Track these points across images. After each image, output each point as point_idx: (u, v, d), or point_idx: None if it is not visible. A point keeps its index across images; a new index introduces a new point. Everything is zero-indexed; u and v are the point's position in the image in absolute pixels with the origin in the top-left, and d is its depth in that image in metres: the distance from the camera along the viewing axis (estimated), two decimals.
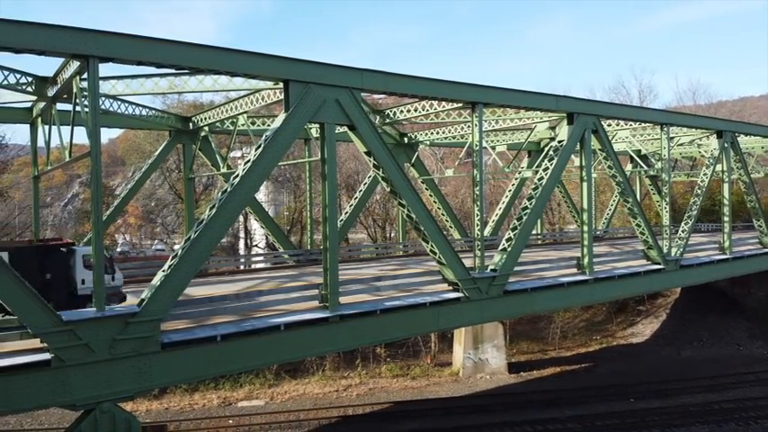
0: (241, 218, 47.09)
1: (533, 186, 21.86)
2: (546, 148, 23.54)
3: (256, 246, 51.36)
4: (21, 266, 12.43)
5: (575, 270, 23.29)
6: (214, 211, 14.33)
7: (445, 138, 32.47)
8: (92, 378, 12.37)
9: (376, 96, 30.87)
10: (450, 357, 33.02)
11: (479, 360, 30.99)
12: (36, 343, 12.15)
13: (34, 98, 19.15)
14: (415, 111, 24.04)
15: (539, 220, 39.14)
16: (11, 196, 45.42)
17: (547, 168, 21.63)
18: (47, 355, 11.94)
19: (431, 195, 34.86)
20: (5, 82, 16.06)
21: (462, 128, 30.12)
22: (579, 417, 23.74)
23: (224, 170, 26.14)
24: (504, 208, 35.50)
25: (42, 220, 38.56)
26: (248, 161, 14.98)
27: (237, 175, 14.76)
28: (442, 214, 35.32)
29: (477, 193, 19.73)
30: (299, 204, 49.10)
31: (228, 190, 14.59)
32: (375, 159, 17.17)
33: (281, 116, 15.52)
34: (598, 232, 41.10)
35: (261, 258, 34.12)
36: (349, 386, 29.22)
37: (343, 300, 16.61)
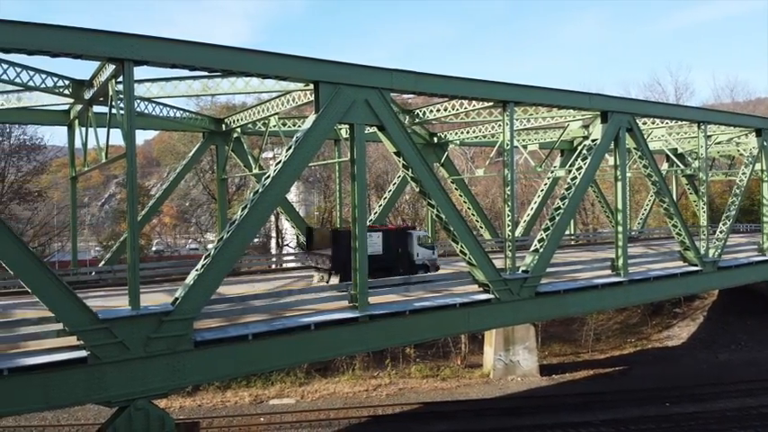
0: (273, 217, 47.56)
1: (566, 186, 21.52)
2: (579, 147, 23.16)
3: (287, 245, 51.82)
4: (387, 243, 20.71)
5: (609, 271, 22.85)
6: (246, 211, 14.49)
7: (475, 137, 32.21)
8: (127, 375, 12.63)
9: (405, 96, 30.85)
10: (481, 359, 32.72)
11: (510, 362, 30.64)
12: (73, 341, 12.42)
13: (71, 101, 19.73)
14: (445, 110, 23.91)
15: (572, 221, 38.54)
16: (50, 196, 46.80)
17: (580, 168, 21.26)
18: (83, 353, 12.23)
19: (461, 195, 34.65)
20: (43, 85, 16.58)
21: (493, 127, 29.85)
22: (613, 421, 23.25)
23: (256, 171, 26.47)
24: (536, 208, 35.05)
25: (80, 219, 39.79)
26: (279, 162, 15.11)
27: (269, 176, 14.90)
28: (473, 214, 35.05)
29: (509, 192, 19.51)
30: (329, 204, 49.37)
31: (260, 190, 14.74)
32: (404, 159, 17.13)
33: (311, 117, 15.62)
34: (633, 233, 40.26)
35: (292, 258, 34.43)
36: (379, 386, 29.23)
37: (372, 300, 16.61)
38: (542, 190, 35.15)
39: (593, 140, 21.80)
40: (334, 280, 19.72)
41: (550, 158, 35.69)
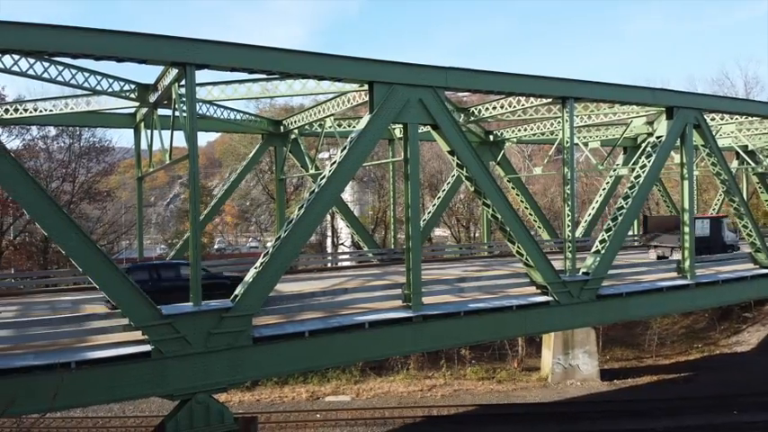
0: (328, 217, 48.18)
1: (629, 185, 20.74)
2: (643, 145, 22.30)
3: (342, 244, 52.40)
4: (710, 228, 27.93)
5: (674, 274, 21.88)
6: (303, 210, 14.72)
7: (533, 134, 31.53)
8: (188, 370, 13.04)
9: (460, 94, 30.57)
10: (539, 362, 32.05)
11: (569, 366, 29.87)
12: (138, 335, 12.92)
13: (137, 104, 20.60)
14: (501, 108, 23.52)
15: (635, 221, 37.15)
16: (118, 196, 49.01)
17: (644, 166, 20.46)
18: (147, 347, 12.71)
19: (518, 194, 34.03)
20: (111, 89, 17.40)
21: (552, 124, 29.14)
22: (677, 429, 22.35)
23: (312, 171, 26.89)
24: (598, 208, 34.02)
25: (146, 218, 41.59)
26: (334, 162, 15.26)
27: (324, 176, 15.08)
28: (530, 214, 34.37)
29: (568, 191, 18.99)
30: (383, 204, 49.56)
31: (316, 190, 14.93)
32: (458, 158, 16.96)
33: (366, 117, 15.69)
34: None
35: (346, 257, 34.78)
36: (433, 386, 29.10)
37: (426, 300, 16.52)
38: (604, 189, 34.04)
39: (657, 137, 20.93)
40: (676, 255, 24.53)
41: (612, 156, 34.50)
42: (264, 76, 16.60)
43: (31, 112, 22.49)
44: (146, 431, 22.05)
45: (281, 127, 27.73)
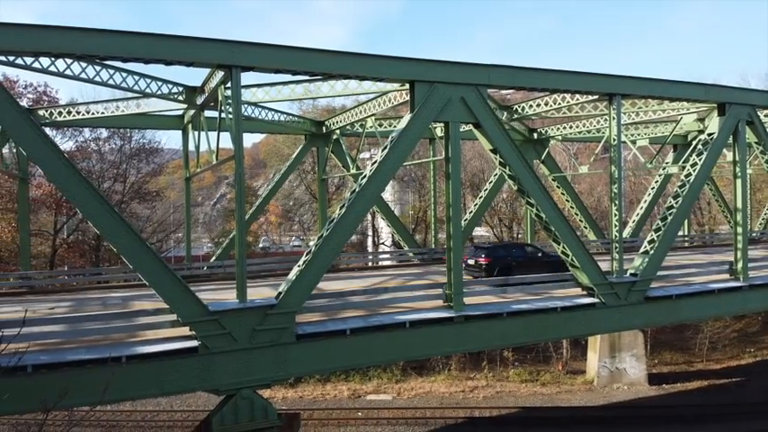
0: (369, 216, 48.39)
1: (680, 183, 20.07)
2: (694, 142, 21.53)
3: (383, 243, 52.51)
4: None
5: (726, 276, 21.06)
6: (344, 210, 14.82)
7: (579, 132, 30.84)
8: (233, 365, 13.30)
9: (503, 92, 30.16)
10: (584, 365, 31.38)
11: (616, 369, 29.12)
12: (185, 331, 13.25)
13: (185, 106, 21.16)
14: (546, 105, 23.11)
15: (685, 221, 35.93)
16: (166, 196, 50.47)
17: (695, 164, 19.76)
18: (195, 343, 13.01)
19: (563, 194, 33.37)
20: (160, 92, 17.89)
21: (598, 121, 28.47)
22: None
23: (353, 171, 27.06)
24: (647, 207, 33.02)
25: (194, 217, 42.65)
26: (375, 162, 15.31)
27: (365, 176, 15.14)
28: (576, 214, 33.67)
29: (616, 191, 18.51)
30: (424, 203, 49.43)
31: (357, 190, 15.01)
32: (501, 157, 16.75)
33: (407, 117, 15.67)
34: (754, 234, 36.83)
35: (387, 256, 34.83)
36: (475, 387, 28.86)
37: (467, 300, 16.39)
38: (653, 188, 33.04)
39: (709, 135, 20.18)
40: None
41: (662, 154, 33.46)
42: (307, 77, 16.79)
43: (83, 115, 23.36)
44: (192, 425, 22.62)
45: (324, 128, 28.01)
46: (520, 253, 22.63)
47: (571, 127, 30.65)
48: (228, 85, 14.43)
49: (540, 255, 22.63)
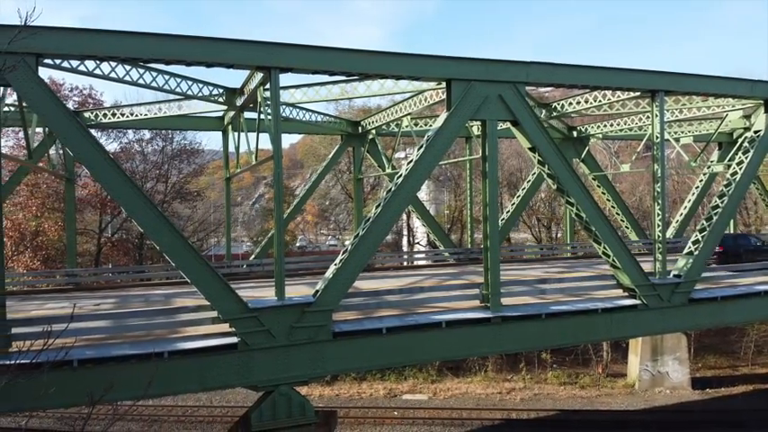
0: (404, 216, 48.37)
1: (725, 182, 19.42)
2: (740, 140, 20.80)
3: (418, 243, 52.40)
4: None
5: None
6: (379, 209, 14.84)
7: (620, 130, 30.15)
8: (272, 362, 13.49)
9: (542, 90, 29.69)
10: (625, 368, 30.69)
11: (658, 373, 28.38)
12: (225, 328, 13.47)
13: (225, 108, 21.56)
14: (586, 102, 22.68)
15: (731, 221, 34.69)
16: (207, 196, 51.52)
17: (741, 162, 19.08)
18: (234, 339, 13.23)
19: (603, 193, 32.69)
20: (200, 94, 18.28)
21: (640, 119, 27.78)
22: None
23: (389, 170, 27.10)
24: (690, 207, 32.10)
25: (234, 217, 43.41)
26: (410, 161, 15.29)
27: (401, 175, 15.13)
28: (617, 213, 32.95)
29: (658, 190, 18.03)
30: (460, 203, 49.12)
31: (392, 189, 15.02)
32: (540, 155, 16.50)
33: (443, 115, 15.60)
34: None
35: (422, 256, 34.75)
36: (512, 389, 28.54)
37: (504, 301, 16.21)
38: (697, 187, 32.04)
39: (755, 132, 19.45)
40: None
41: (706, 152, 32.34)
42: (344, 77, 16.92)
43: (127, 117, 24.04)
44: (231, 421, 23.04)
45: (359, 128, 28.15)
46: (746, 242, 26.04)
47: (612, 125, 30.01)
48: (267, 86, 14.64)
49: (760, 244, 25.96)
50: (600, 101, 21.79)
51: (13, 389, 6.33)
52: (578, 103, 23.23)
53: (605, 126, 30.37)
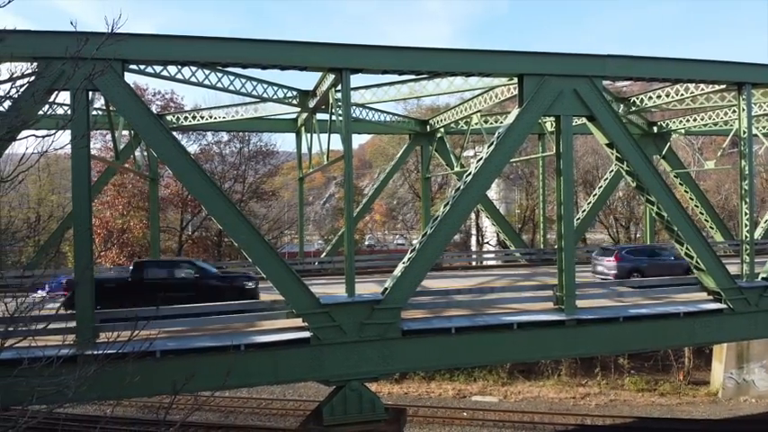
0: (473, 215, 47.80)
1: None
2: None
3: (487, 243, 51.66)
4: None
5: None
6: (448, 208, 14.79)
7: (704, 125, 28.53)
8: (342, 357, 13.74)
9: (619, 84, 28.62)
10: (707, 375, 29.04)
11: (744, 381, 26.69)
12: (298, 322, 13.85)
13: (298, 110, 22.09)
14: (667, 96, 21.60)
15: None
16: (281, 195, 52.97)
17: None
18: (307, 334, 13.59)
19: (686, 191, 31.04)
20: (276, 96, 18.85)
21: (726, 113, 26.17)
22: None
23: (457, 169, 26.89)
24: None
25: (306, 216, 44.43)
26: (480, 159, 15.12)
27: (470, 173, 15.01)
28: (701, 213, 31.19)
29: (746, 188, 16.96)
30: (532, 202, 48.00)
31: (461, 188, 14.92)
32: (618, 152, 15.90)
33: (515, 112, 15.34)
34: None
35: (492, 256, 34.24)
36: (587, 394, 27.62)
37: (580, 303, 15.73)
38: None
39: None
40: None
41: None
42: (413, 76, 16.95)
43: (206, 120, 25.15)
44: (303, 414, 23.60)
45: (428, 126, 28.11)
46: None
47: (695, 119, 28.41)
48: (339, 87, 14.90)
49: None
50: (682, 94, 20.71)
51: (99, 378, 6.74)
52: (659, 97, 22.16)
53: (688, 121, 28.80)
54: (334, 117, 16.39)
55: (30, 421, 5.79)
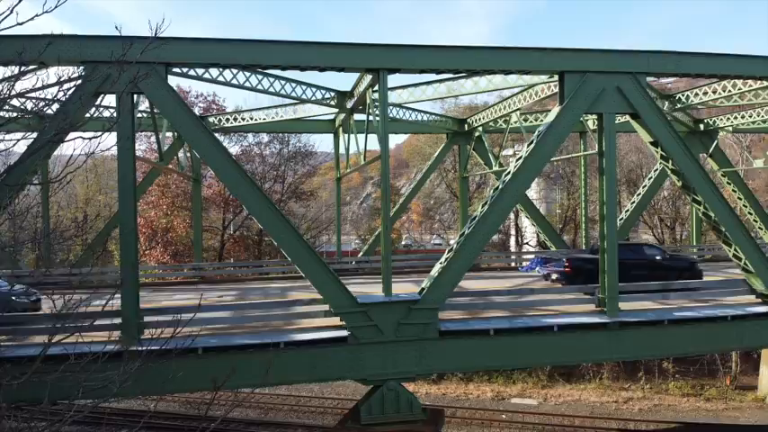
0: (512, 215, 47.24)
1: None
2: None
3: (527, 244, 50.96)
4: None
5: None
6: (486, 208, 14.63)
7: (752, 122, 27.44)
8: (380, 357, 13.75)
9: (663, 81, 27.83)
10: (755, 380, 27.99)
11: None
12: (336, 321, 13.90)
13: (336, 110, 22.28)
14: (714, 93, 20.89)
15: None
16: (319, 195, 53.51)
17: None
18: (344, 333, 13.65)
19: (734, 191, 29.93)
20: (314, 97, 19.05)
21: None
22: None
23: (496, 168, 26.61)
24: None
25: (343, 216, 44.66)
26: (520, 158, 14.92)
27: (509, 172, 14.82)
28: (749, 213, 29.97)
29: None
30: (573, 202, 47.13)
31: (500, 187, 14.75)
32: (663, 150, 15.45)
33: (555, 110, 15.07)
34: None
35: (532, 256, 33.72)
36: (630, 399, 26.96)
37: (623, 306, 15.34)
38: None
39: None
40: None
41: None
42: (451, 75, 16.84)
43: (247, 121, 25.59)
44: (341, 412, 23.77)
45: (466, 125, 27.90)
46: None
47: (743, 116, 27.36)
48: (376, 87, 14.94)
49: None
50: (730, 91, 19.99)
51: (143, 373, 6.92)
52: (705, 93, 21.45)
53: (736, 118, 27.74)
54: (371, 117, 16.44)
55: (76, 415, 5.97)
